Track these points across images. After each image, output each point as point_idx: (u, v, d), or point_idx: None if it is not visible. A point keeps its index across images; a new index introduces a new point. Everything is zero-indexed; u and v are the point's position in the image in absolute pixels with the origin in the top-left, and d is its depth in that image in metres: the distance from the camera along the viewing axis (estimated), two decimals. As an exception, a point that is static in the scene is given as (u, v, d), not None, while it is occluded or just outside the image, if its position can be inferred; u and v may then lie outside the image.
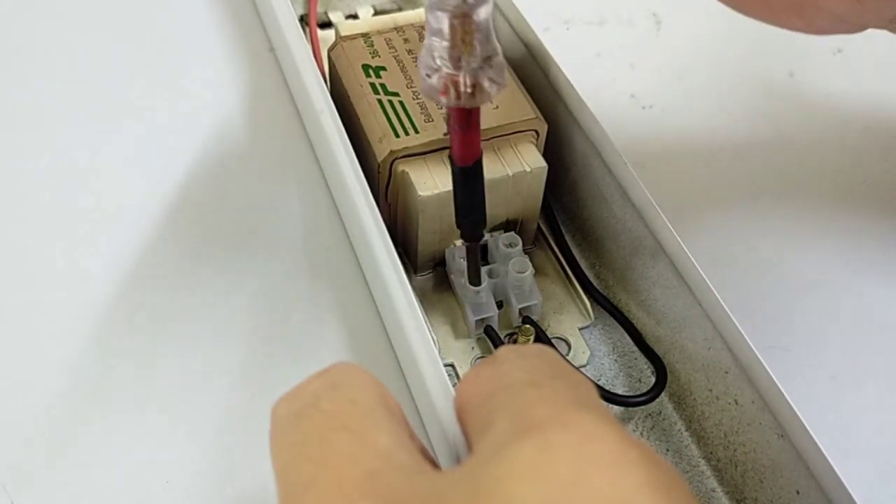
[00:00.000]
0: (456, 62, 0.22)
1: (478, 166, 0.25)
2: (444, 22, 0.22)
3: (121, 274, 0.32)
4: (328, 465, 0.18)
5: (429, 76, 0.23)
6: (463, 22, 0.22)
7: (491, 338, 0.30)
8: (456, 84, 0.22)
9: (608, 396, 0.28)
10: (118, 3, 0.41)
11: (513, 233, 0.31)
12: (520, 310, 0.30)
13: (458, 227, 0.27)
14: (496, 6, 0.36)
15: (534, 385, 0.18)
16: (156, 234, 0.33)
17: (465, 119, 0.24)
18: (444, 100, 0.23)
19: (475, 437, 0.18)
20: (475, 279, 0.29)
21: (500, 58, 0.23)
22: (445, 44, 0.22)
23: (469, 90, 0.22)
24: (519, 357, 0.20)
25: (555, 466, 0.16)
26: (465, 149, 0.25)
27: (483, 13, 0.22)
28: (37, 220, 0.33)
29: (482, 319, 0.30)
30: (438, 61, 0.22)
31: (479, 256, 0.29)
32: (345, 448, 0.18)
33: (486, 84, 0.23)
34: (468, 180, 0.26)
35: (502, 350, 0.20)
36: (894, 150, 0.38)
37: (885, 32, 0.28)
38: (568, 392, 0.18)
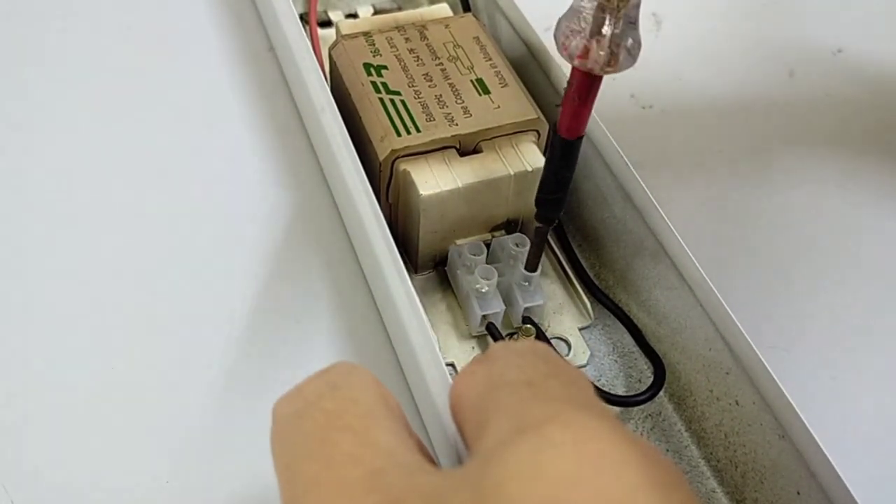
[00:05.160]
0: (599, 26, 0.22)
1: (577, 144, 0.25)
2: None
3: (119, 274, 0.32)
4: (331, 464, 0.18)
5: (569, 38, 0.23)
6: None
7: (493, 335, 0.29)
8: (594, 47, 0.23)
9: (605, 397, 0.28)
10: (118, 4, 0.41)
11: (520, 233, 0.31)
12: (523, 309, 0.30)
13: (537, 204, 0.27)
14: (496, 6, 0.36)
15: (529, 384, 0.18)
16: (153, 234, 0.33)
17: (586, 88, 0.24)
18: (577, 62, 0.23)
19: (472, 436, 0.18)
20: (534, 265, 0.29)
21: (639, 34, 0.23)
22: (594, 3, 0.22)
23: (607, 56, 0.23)
24: (513, 355, 0.20)
25: (553, 466, 0.16)
26: (575, 120, 0.25)
27: None
28: (34, 220, 0.33)
29: (487, 315, 0.30)
30: (583, 23, 0.23)
31: (544, 242, 0.29)
32: (347, 447, 0.18)
33: (623, 53, 0.23)
34: (565, 155, 0.26)
35: (496, 347, 0.20)
36: (894, 151, 0.38)
37: (883, 32, 0.28)
38: (564, 390, 0.18)
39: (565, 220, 0.34)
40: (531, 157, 0.30)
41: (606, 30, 0.22)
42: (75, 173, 0.35)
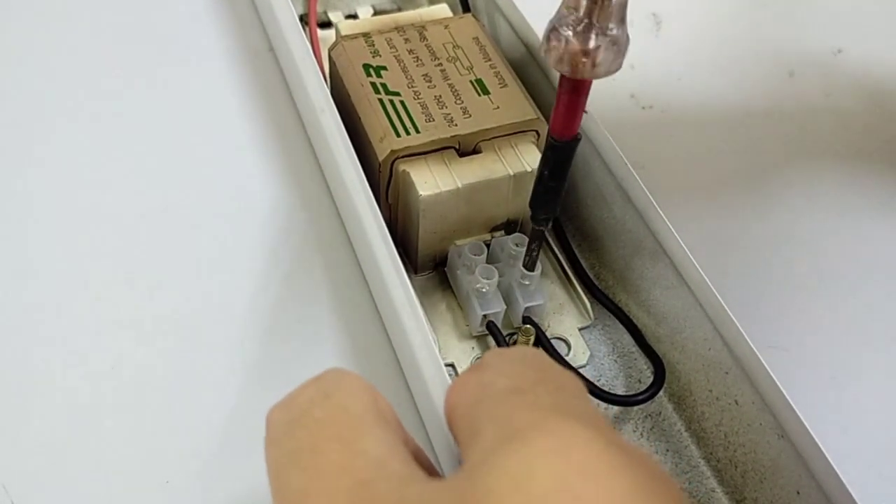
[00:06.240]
0: (585, 31, 0.22)
1: (572, 146, 0.25)
2: None
3: (117, 275, 0.32)
4: (320, 475, 0.18)
5: (554, 44, 0.23)
6: None
7: (493, 334, 0.29)
8: (575, 53, 0.22)
9: (604, 396, 0.28)
10: (118, 3, 0.41)
11: (520, 233, 0.31)
12: (524, 309, 0.30)
13: (531, 206, 0.27)
14: (496, 6, 0.36)
15: (517, 392, 0.18)
16: (153, 234, 0.33)
17: (573, 91, 0.24)
18: (564, 69, 0.23)
19: (464, 445, 0.19)
20: (531, 264, 0.29)
21: (625, 42, 0.23)
22: (576, 14, 0.22)
23: (587, 61, 0.22)
24: (504, 362, 0.20)
25: (538, 475, 0.16)
26: (565, 122, 0.25)
27: None
28: (34, 220, 0.33)
29: (488, 315, 0.30)
30: (565, 30, 0.23)
31: (541, 242, 0.29)
32: (336, 458, 0.18)
33: (602, 60, 0.23)
34: (558, 156, 0.26)
35: (488, 356, 0.20)
36: (894, 151, 0.38)
37: (883, 32, 0.28)
38: (552, 397, 0.18)
39: (565, 221, 0.34)
40: (530, 158, 0.30)
41: (592, 35, 0.22)
42: (74, 174, 0.35)
